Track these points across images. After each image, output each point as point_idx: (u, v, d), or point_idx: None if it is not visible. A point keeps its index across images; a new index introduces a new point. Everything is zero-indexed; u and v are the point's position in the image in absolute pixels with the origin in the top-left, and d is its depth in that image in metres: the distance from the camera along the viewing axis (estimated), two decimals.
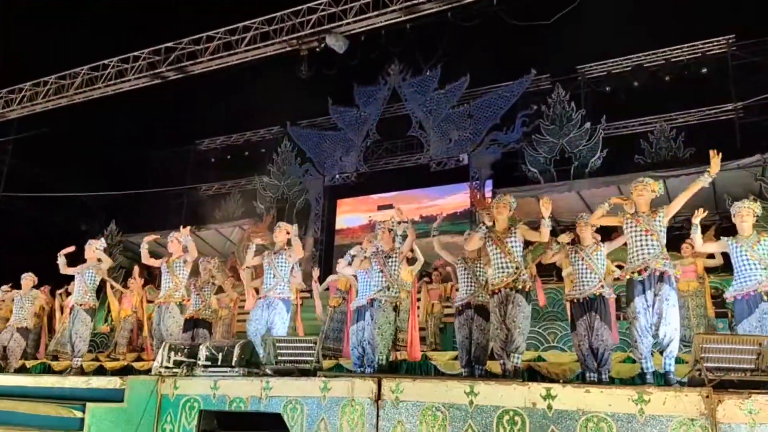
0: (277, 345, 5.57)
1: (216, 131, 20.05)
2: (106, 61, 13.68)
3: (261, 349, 6.12)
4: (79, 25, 14.99)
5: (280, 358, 5.54)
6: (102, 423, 5.22)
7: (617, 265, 6.71)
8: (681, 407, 3.71)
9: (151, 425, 5.49)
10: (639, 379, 5.65)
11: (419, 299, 9.55)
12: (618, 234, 6.02)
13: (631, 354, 7.33)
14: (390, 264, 6.26)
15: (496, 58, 15.19)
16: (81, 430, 5.10)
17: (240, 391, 5.32)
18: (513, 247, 5.55)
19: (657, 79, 14.81)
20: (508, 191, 13.09)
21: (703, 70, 14.44)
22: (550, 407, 4.12)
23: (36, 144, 17.33)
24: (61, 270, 7.87)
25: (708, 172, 5.17)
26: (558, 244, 6.38)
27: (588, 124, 14.28)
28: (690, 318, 8.51)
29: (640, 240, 5.17)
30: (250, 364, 5.60)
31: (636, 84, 15.04)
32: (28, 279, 8.90)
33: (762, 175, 11.57)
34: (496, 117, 15.21)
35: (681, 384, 4.64)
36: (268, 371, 5.49)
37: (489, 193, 14.58)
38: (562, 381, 5.41)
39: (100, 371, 9.03)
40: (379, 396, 4.69)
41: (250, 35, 12.01)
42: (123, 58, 13.48)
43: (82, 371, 7.57)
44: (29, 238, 17.24)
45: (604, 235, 6.27)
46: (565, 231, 7.75)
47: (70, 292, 9.59)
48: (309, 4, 11.35)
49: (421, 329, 9.73)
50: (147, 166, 20.41)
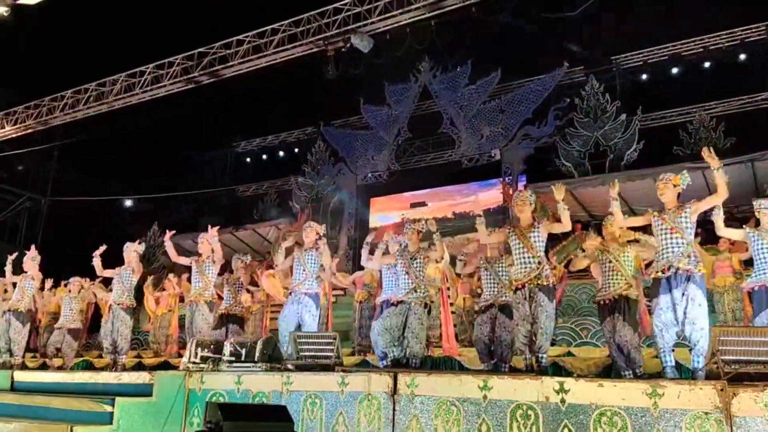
0: (298, 341, 5.67)
1: (252, 133, 20.43)
2: (142, 67, 14.07)
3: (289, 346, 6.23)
4: (115, 33, 15.49)
5: (301, 353, 5.64)
6: (131, 416, 5.42)
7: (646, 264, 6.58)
8: (695, 401, 3.64)
9: (179, 419, 5.68)
10: (663, 375, 5.54)
11: (449, 295, 9.52)
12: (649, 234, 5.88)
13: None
14: (415, 265, 6.28)
15: (527, 51, 15.01)
16: (111, 423, 5.29)
17: (262, 385, 5.46)
18: (536, 241, 5.50)
19: (695, 68, 14.40)
20: (541, 186, 12.93)
21: (742, 57, 13.96)
22: (563, 401, 4.10)
23: (80, 150, 18.00)
24: (98, 272, 8.16)
25: (717, 169, 5.01)
26: (584, 251, 6.30)
27: (624, 116, 13.98)
28: (726, 313, 8.29)
29: (666, 238, 5.06)
30: (272, 359, 5.72)
31: (673, 73, 14.64)
32: (77, 283, 9.32)
33: None
34: (528, 111, 15.04)
35: (697, 377, 4.54)
36: (290, 366, 5.59)
37: (522, 189, 14.42)
38: (575, 375, 5.34)
39: (140, 367, 9.33)
40: (395, 390, 4.75)
41: (278, 38, 12.17)
42: (158, 64, 13.85)
43: (124, 368, 7.84)
44: (75, 242, 17.89)
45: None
46: (593, 229, 7.64)
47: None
48: (334, 5, 11.45)
49: (454, 325, 9.72)
50: (187, 168, 20.93)
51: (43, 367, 9.37)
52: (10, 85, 16.94)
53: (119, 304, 7.86)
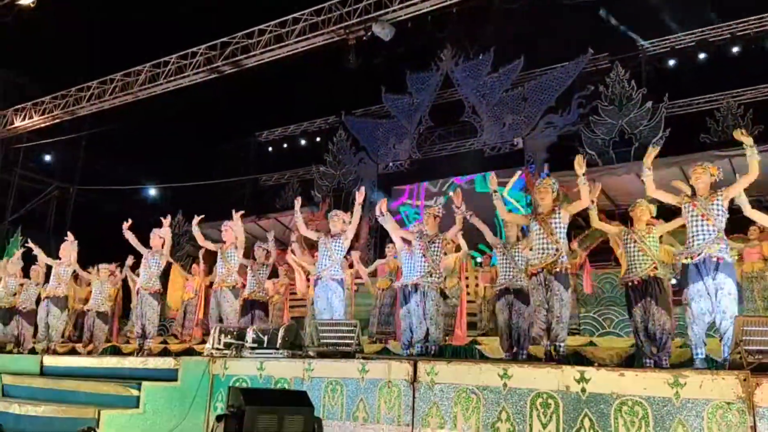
0: (319, 328, 5.73)
1: (274, 123, 20.54)
2: (166, 58, 14.21)
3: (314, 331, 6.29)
4: (140, 24, 15.64)
5: (322, 340, 5.70)
6: (157, 400, 5.53)
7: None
8: (718, 391, 3.62)
9: (203, 403, 5.79)
10: (689, 364, 5.48)
11: (467, 285, 9.53)
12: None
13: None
14: (433, 249, 6.30)
15: (550, 38, 14.81)
16: (137, 407, 5.41)
17: (284, 371, 5.53)
18: (556, 227, 5.47)
19: (723, 54, 14.09)
20: (564, 174, 12.81)
21: None
22: (584, 390, 4.09)
23: (106, 139, 18.30)
24: (133, 243, 8.29)
25: (750, 146, 4.94)
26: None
27: (649, 104, 13.74)
28: (756, 300, 8.19)
29: (697, 225, 5.02)
30: (294, 346, 5.79)
31: (700, 59, 14.35)
32: (105, 270, 9.53)
33: None
34: (552, 99, 14.85)
35: (719, 367, 4.49)
36: (311, 353, 5.66)
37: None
38: (596, 365, 5.31)
39: (165, 353, 9.50)
40: (414, 378, 4.78)
41: (300, 27, 12.19)
42: (182, 54, 13.97)
43: (150, 353, 8.01)
44: (103, 230, 18.20)
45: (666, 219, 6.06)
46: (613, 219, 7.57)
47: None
48: None
49: (473, 314, 9.73)
50: (211, 158, 21.15)
51: (72, 351, 9.60)
52: (38, 76, 17.26)
53: (146, 290, 8.04)
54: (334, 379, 5.21)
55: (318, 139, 19.80)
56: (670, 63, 14.81)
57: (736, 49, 14.06)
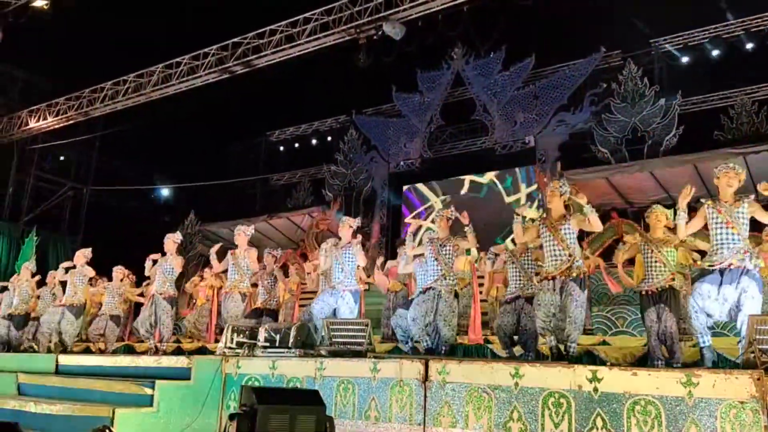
0: (331, 327, 5.75)
1: (285, 122, 20.59)
2: (179, 59, 14.29)
3: (323, 331, 6.32)
4: (152, 25, 15.73)
5: (334, 339, 5.72)
6: (171, 399, 5.58)
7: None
8: (731, 390, 3.60)
9: (216, 402, 5.83)
10: (701, 362, 5.45)
11: (481, 284, 9.51)
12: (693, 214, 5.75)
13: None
14: (444, 252, 6.30)
15: (562, 36, 14.74)
16: (151, 405, 5.46)
17: (296, 371, 5.56)
18: (566, 234, 5.45)
19: (737, 51, 13.92)
20: (576, 173, 12.75)
21: None
22: (596, 390, 4.08)
23: (120, 140, 18.44)
24: (147, 271, 8.39)
25: None
26: (624, 244, 6.23)
27: (662, 101, 13.61)
28: None
29: (721, 233, 4.91)
30: (306, 345, 5.81)
31: (714, 56, 14.21)
32: (119, 272, 9.71)
33: None
34: (563, 97, 14.75)
35: (734, 366, 4.46)
36: (323, 352, 5.68)
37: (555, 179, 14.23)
38: (609, 364, 5.29)
39: (179, 352, 9.57)
40: (426, 377, 4.79)
41: (311, 26, 12.21)
42: (194, 55, 14.04)
43: (164, 352, 8.08)
44: (117, 229, 18.39)
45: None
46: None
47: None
48: None
49: (484, 313, 9.71)
50: (223, 158, 21.26)
51: (87, 351, 9.71)
52: (52, 77, 17.44)
53: (161, 294, 8.10)
54: (345, 378, 5.23)
55: (329, 138, 19.82)
56: (684, 60, 14.66)
57: (750, 46, 13.88)
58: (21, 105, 17.55)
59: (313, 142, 20.40)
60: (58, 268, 9.99)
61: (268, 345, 5.95)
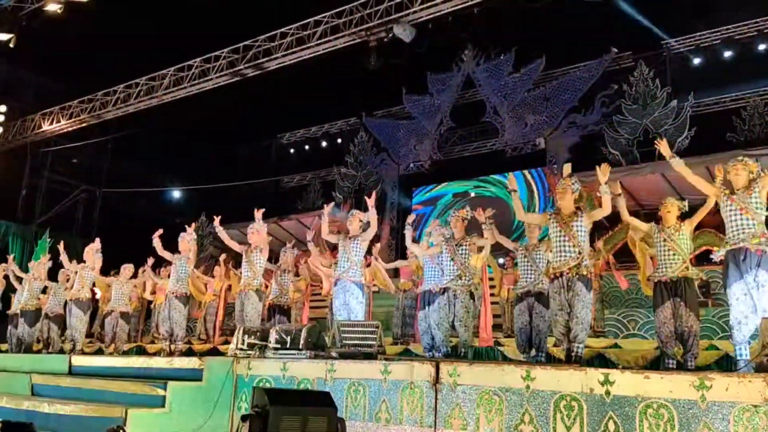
0: (341, 329, 5.76)
1: (296, 124, 20.66)
2: (190, 62, 14.39)
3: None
4: (164, 29, 15.84)
5: (344, 341, 5.73)
6: (182, 400, 5.62)
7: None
8: (744, 393, 3.57)
9: (227, 403, 5.86)
10: (716, 366, 5.42)
11: (493, 286, 9.51)
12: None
13: (715, 342, 7.03)
14: (461, 252, 6.31)
15: (572, 37, 14.69)
16: (163, 406, 5.50)
17: (307, 372, 5.57)
18: (578, 230, 5.41)
19: (749, 51, 13.83)
20: (587, 175, 12.68)
21: None
22: (608, 393, 4.07)
23: (132, 142, 18.57)
24: (159, 251, 8.42)
25: None
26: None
27: (674, 102, 13.57)
28: None
29: (736, 219, 4.98)
30: (317, 347, 5.83)
31: (726, 57, 14.11)
32: (128, 269, 9.74)
33: None
34: (574, 99, 14.71)
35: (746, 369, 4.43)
36: (333, 354, 5.69)
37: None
38: (621, 367, 5.26)
39: (190, 353, 9.63)
40: (437, 380, 4.78)
41: (321, 29, 12.26)
42: (205, 58, 14.13)
43: (181, 353, 8.13)
44: (129, 231, 18.50)
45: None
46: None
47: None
48: None
49: (497, 316, 9.71)
50: (234, 160, 21.35)
51: (99, 352, 9.78)
52: (65, 80, 17.58)
53: (174, 293, 8.16)
54: (356, 380, 5.24)
55: (339, 140, 19.88)
56: (696, 61, 14.58)
57: (762, 47, 13.79)
58: (34, 108, 17.71)
59: (324, 144, 20.46)
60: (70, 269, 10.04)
61: (279, 346, 5.96)
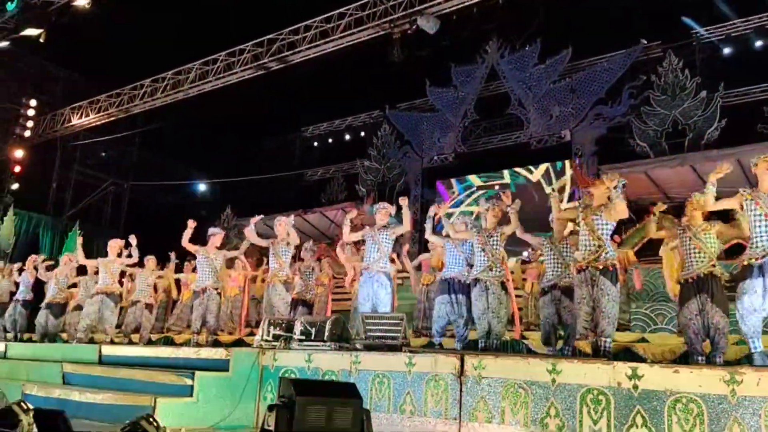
0: (365, 321, 5.78)
1: (319, 118, 20.73)
2: (215, 56, 14.50)
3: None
4: (189, 23, 15.99)
5: (368, 333, 5.75)
6: (209, 390, 5.69)
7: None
8: None
9: (253, 393, 5.92)
10: (746, 360, 5.32)
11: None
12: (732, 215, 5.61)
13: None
14: (492, 243, 6.28)
15: (599, 27, 14.46)
16: (191, 395, 5.58)
17: (332, 364, 5.61)
18: (597, 224, 5.36)
19: None
20: (613, 167, 12.52)
21: None
22: (636, 387, 4.02)
23: (159, 136, 18.82)
24: (184, 242, 8.38)
25: None
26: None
27: (704, 93, 13.30)
28: None
29: (760, 225, 4.85)
30: (341, 339, 5.86)
31: (757, 47, 13.79)
32: (151, 261, 9.86)
33: None
34: (602, 90, 14.49)
35: None
36: (358, 346, 5.72)
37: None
38: (649, 361, 5.20)
39: (216, 344, 9.75)
40: (461, 372, 4.78)
41: (345, 22, 12.25)
42: (230, 51, 14.22)
43: (210, 344, 8.23)
44: (155, 223, 18.79)
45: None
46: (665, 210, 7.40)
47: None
48: None
49: (519, 308, 9.65)
50: (258, 153, 21.52)
51: (128, 342, 9.95)
52: (93, 74, 17.88)
53: (215, 288, 8.21)
54: (381, 372, 5.25)
55: (362, 133, 19.90)
56: (726, 51, 14.26)
57: None
58: (64, 102, 18.04)
59: (347, 137, 20.51)
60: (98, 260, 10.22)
61: (303, 338, 6.01)
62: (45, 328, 10.28)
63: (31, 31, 13.36)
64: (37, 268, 11.00)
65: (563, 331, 5.98)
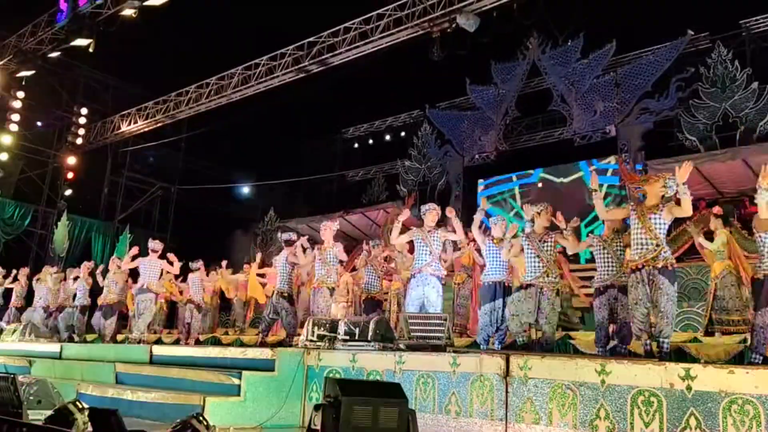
0: (409, 321, 5.78)
1: (359, 119, 20.82)
2: (257, 60, 14.73)
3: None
4: (230, 29, 16.30)
5: (412, 333, 5.74)
6: (256, 389, 5.77)
7: None
8: None
9: (299, 392, 5.99)
10: None
11: None
12: None
13: None
14: (545, 248, 6.17)
15: (644, 19, 14.09)
16: (238, 395, 5.68)
17: (376, 364, 5.62)
18: (656, 224, 5.21)
19: None
20: (662, 162, 12.18)
21: None
22: (689, 388, 3.91)
23: (203, 141, 19.24)
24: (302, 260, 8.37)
25: None
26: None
27: (755, 84, 12.81)
28: None
29: None
30: (385, 339, 5.86)
31: None
32: (200, 265, 10.12)
33: None
34: (647, 84, 14.09)
35: None
36: (401, 346, 5.71)
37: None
38: (703, 361, 5.04)
39: (262, 344, 9.89)
40: (507, 372, 4.73)
41: (384, 22, 12.27)
42: (271, 56, 14.43)
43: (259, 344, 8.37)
44: (202, 226, 19.24)
45: None
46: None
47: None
48: None
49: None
50: (299, 155, 21.76)
51: (177, 342, 10.21)
52: (141, 82, 18.41)
53: (279, 293, 8.25)
54: (425, 372, 5.24)
55: (403, 133, 19.89)
56: None
57: None
58: (113, 110, 18.62)
59: (387, 138, 20.53)
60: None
61: (347, 338, 6.04)
62: (98, 328, 10.63)
63: (81, 42, 13.83)
64: (93, 275, 11.37)
65: (622, 330, 5.85)
